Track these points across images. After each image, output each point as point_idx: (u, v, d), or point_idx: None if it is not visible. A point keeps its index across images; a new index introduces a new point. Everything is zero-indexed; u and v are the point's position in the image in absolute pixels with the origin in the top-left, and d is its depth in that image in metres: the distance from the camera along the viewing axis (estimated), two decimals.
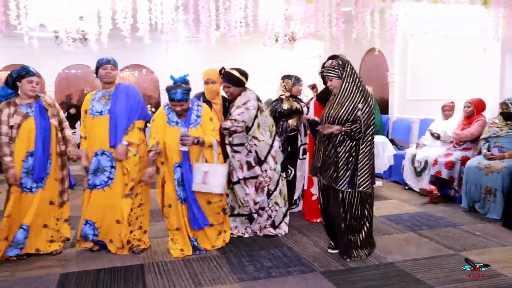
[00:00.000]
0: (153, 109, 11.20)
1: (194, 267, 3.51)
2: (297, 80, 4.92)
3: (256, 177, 4.08)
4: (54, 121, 3.72)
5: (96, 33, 5.06)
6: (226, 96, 4.23)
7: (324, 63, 4.01)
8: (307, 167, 4.67)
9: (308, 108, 4.83)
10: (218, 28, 4.72)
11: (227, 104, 4.27)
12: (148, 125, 3.87)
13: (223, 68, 4.17)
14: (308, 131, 4.74)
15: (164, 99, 11.43)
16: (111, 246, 3.80)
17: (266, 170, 4.09)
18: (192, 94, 3.85)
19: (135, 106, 3.75)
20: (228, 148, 4.05)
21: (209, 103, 4.10)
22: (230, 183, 4.11)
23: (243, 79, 4.10)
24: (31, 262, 3.64)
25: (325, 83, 3.98)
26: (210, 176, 3.59)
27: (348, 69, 3.50)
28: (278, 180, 4.20)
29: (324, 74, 3.66)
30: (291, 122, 4.80)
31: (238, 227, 4.24)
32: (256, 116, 4.05)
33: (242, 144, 4.04)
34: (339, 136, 3.46)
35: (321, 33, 4.85)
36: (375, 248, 3.74)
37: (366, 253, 3.62)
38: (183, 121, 3.68)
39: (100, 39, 4.99)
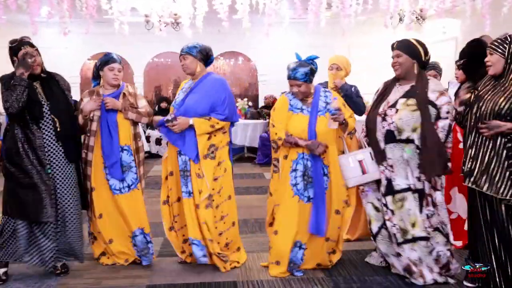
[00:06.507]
0: (250, 103, 11.34)
1: None
2: (432, 68, 4.43)
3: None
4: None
5: (190, 17, 5.23)
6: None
7: (463, 49, 3.69)
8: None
9: None
10: (329, 7, 4.58)
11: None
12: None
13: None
14: None
15: (263, 91, 11.54)
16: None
17: None
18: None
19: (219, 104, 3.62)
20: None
21: None
22: (394, 192, 3.45)
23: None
24: (117, 270, 3.72)
25: (466, 73, 3.70)
26: (368, 163, 3.48)
27: None
28: None
29: (488, 46, 3.18)
30: None
31: (421, 261, 3.40)
32: None
33: None
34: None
35: (459, 9, 4.47)
36: None
37: None
38: (309, 107, 3.55)
39: (194, 23, 5.15)
